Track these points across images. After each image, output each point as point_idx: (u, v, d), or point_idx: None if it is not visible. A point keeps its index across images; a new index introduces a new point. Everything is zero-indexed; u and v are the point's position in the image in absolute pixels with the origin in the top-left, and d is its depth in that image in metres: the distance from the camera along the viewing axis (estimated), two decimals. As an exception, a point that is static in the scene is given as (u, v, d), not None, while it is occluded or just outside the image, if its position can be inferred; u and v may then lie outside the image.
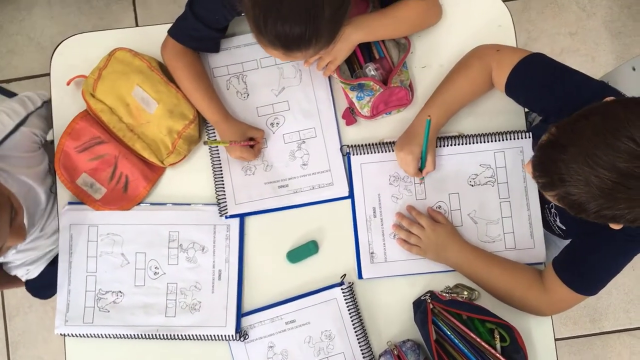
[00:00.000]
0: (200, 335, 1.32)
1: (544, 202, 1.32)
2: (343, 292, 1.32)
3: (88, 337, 1.34)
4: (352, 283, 1.34)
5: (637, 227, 1.07)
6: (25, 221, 1.30)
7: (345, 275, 1.33)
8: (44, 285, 1.56)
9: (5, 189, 1.13)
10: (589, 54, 2.33)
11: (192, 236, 1.35)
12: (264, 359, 1.32)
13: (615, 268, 1.17)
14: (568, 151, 0.92)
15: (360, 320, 1.33)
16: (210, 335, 1.32)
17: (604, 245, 1.15)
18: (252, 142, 1.34)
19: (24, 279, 1.62)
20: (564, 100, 1.10)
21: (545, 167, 0.97)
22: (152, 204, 1.38)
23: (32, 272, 1.59)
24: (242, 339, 1.32)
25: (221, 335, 1.32)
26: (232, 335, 1.32)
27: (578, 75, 1.17)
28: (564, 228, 1.29)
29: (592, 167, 0.89)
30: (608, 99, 0.98)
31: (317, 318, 1.32)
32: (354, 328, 1.31)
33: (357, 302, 1.33)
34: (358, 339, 1.31)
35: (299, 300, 1.33)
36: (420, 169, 1.31)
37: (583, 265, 1.19)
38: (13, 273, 1.57)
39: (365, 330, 1.33)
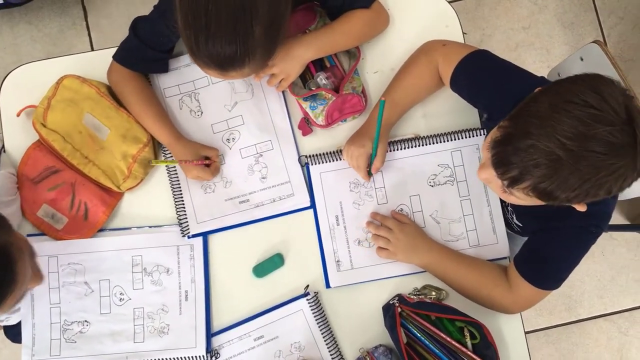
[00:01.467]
0: (171, 359, 1.31)
1: (501, 200, 1.33)
2: (309, 303, 1.31)
3: (60, 368, 1.32)
4: (317, 292, 1.33)
5: (588, 217, 1.08)
6: None
7: (308, 285, 1.33)
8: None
9: (20, 234, 1.11)
10: (543, 47, 2.37)
11: (156, 259, 1.34)
12: None
13: (572, 260, 1.18)
14: (528, 137, 0.92)
15: (329, 329, 1.32)
16: (181, 358, 1.31)
17: (559, 239, 1.17)
18: (206, 161, 1.33)
19: (2, 324, 1.58)
20: (507, 96, 1.11)
21: (509, 161, 0.95)
22: (112, 229, 1.36)
23: (12, 319, 1.55)
24: (213, 358, 1.30)
25: (192, 357, 1.30)
26: (203, 356, 1.30)
27: (521, 72, 1.19)
28: (521, 225, 1.31)
29: (560, 145, 0.89)
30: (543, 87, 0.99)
31: (285, 331, 1.31)
32: (324, 337, 1.31)
33: (323, 311, 1.33)
34: (329, 348, 1.30)
35: (266, 315, 1.32)
36: (369, 167, 1.31)
37: (542, 261, 1.20)
38: None
39: (335, 338, 1.32)
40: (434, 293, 1.32)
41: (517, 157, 0.94)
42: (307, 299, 1.32)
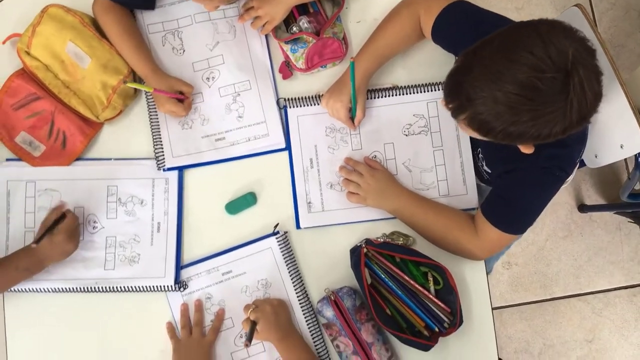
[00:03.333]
0: (139, 287, 1.33)
1: (473, 147, 1.36)
2: (278, 241, 1.33)
3: (28, 291, 1.33)
4: (287, 232, 1.36)
5: (551, 159, 1.10)
6: None
7: (278, 224, 1.35)
8: None
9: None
10: (534, 27, 2.38)
11: (131, 190, 1.36)
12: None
13: (538, 204, 1.20)
14: (473, 72, 0.95)
15: (296, 268, 1.34)
16: (150, 287, 1.33)
17: (523, 181, 1.19)
18: (180, 95, 1.34)
19: None
20: None
21: (453, 92, 1.01)
22: (90, 159, 1.38)
23: None
24: (181, 289, 1.32)
25: (160, 286, 1.33)
26: (171, 286, 1.32)
27: (500, 19, 1.20)
28: (490, 171, 1.33)
29: (495, 82, 0.92)
30: None
31: (253, 268, 1.34)
32: (290, 276, 1.33)
33: (292, 251, 1.35)
34: (295, 287, 1.32)
35: (235, 251, 1.34)
36: (352, 119, 1.33)
37: (507, 205, 1.22)
38: None
39: (301, 278, 1.34)
40: (401, 239, 1.34)
41: (459, 90, 0.98)
42: (277, 238, 1.34)
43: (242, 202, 1.36)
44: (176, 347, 1.30)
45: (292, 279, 1.33)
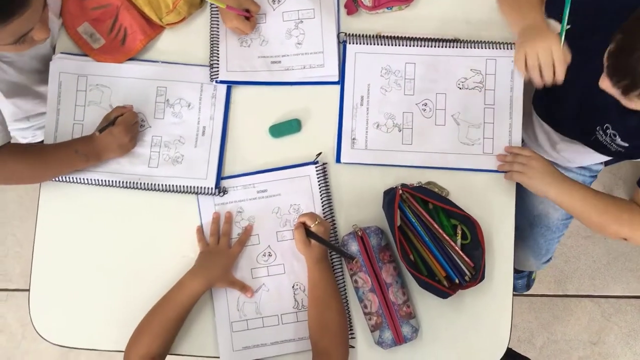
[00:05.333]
0: (180, 186, 1.35)
1: (597, 125, 1.30)
2: (317, 171, 1.35)
3: (72, 182, 1.36)
4: (326, 163, 1.37)
5: None
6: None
7: (320, 153, 1.36)
8: None
9: None
10: None
11: (179, 92, 1.38)
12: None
13: None
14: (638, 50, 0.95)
15: (330, 200, 1.35)
16: (190, 187, 1.35)
17: None
18: (247, 13, 1.35)
19: (27, 141, 1.64)
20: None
21: (622, 72, 0.99)
22: (144, 60, 1.40)
23: (39, 136, 1.61)
24: (220, 194, 1.34)
25: (201, 188, 1.34)
26: (212, 189, 1.34)
27: None
28: (626, 145, 1.29)
29: None
30: None
31: (288, 191, 1.35)
32: (322, 206, 1.34)
33: (328, 182, 1.36)
34: (324, 217, 1.34)
35: (274, 172, 1.36)
36: None
37: None
38: (20, 137, 1.58)
39: (332, 210, 1.36)
40: (436, 189, 1.35)
41: (628, 69, 0.98)
42: (316, 167, 1.35)
43: (286, 127, 1.37)
44: (202, 251, 1.32)
45: (323, 210, 1.34)
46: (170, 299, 1.26)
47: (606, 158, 1.46)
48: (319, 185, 1.35)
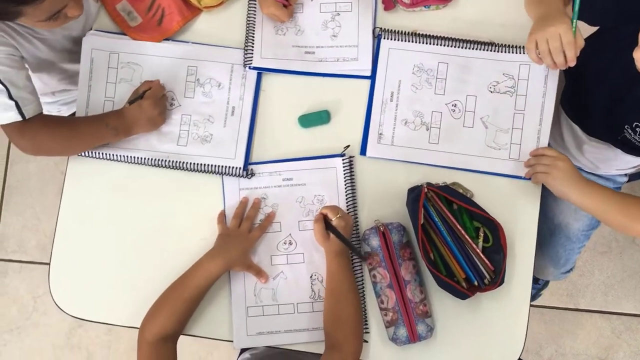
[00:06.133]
0: (208, 165, 1.35)
1: (625, 123, 1.29)
2: (343, 163, 1.35)
3: (99, 158, 1.38)
4: (353, 157, 1.37)
5: None
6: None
7: (348, 146, 1.36)
8: None
9: None
10: None
11: (210, 72, 1.39)
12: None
13: None
14: None
15: (354, 193, 1.36)
16: (219, 167, 1.35)
17: None
18: (285, 1, 1.36)
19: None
20: None
21: None
22: (179, 40, 1.41)
23: (64, 112, 1.62)
24: (248, 176, 1.35)
25: (229, 168, 1.35)
26: (240, 169, 1.35)
27: None
28: None
29: None
30: None
31: (313, 182, 1.35)
32: (346, 199, 1.35)
33: (354, 175, 1.36)
34: (347, 210, 1.34)
35: (301, 161, 1.36)
36: None
37: None
38: (45, 112, 1.59)
39: (355, 203, 1.36)
40: (460, 190, 1.35)
41: None
42: (343, 160, 1.35)
43: (315, 118, 1.38)
44: (222, 234, 1.33)
45: (347, 203, 1.35)
46: (187, 279, 1.27)
47: (633, 163, 1.45)
48: (345, 178, 1.35)
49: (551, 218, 1.61)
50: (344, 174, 1.35)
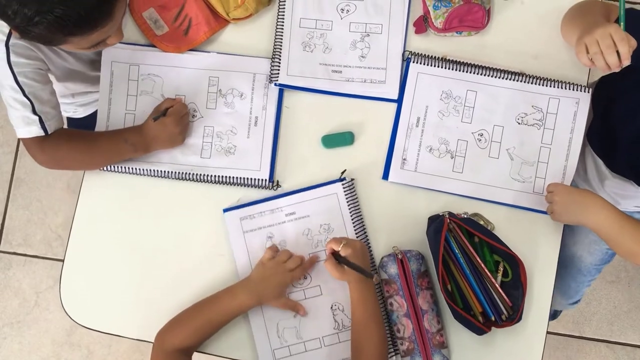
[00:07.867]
0: (234, 178, 1.34)
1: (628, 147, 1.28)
2: (344, 188, 1.33)
3: (122, 172, 1.36)
4: (354, 179, 1.35)
5: None
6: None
7: (345, 170, 1.34)
8: (85, 127, 1.56)
9: None
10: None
11: (232, 82, 1.36)
12: (262, 249, 1.33)
13: None
14: None
15: (360, 217, 1.33)
16: (245, 179, 1.34)
17: None
18: None
19: (67, 115, 1.63)
20: None
21: None
22: (203, 51, 1.38)
23: (80, 113, 1.61)
24: (275, 187, 1.33)
25: (255, 179, 1.34)
26: (266, 181, 1.33)
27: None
28: None
29: None
30: None
31: (316, 212, 1.33)
32: (353, 223, 1.32)
33: (357, 198, 1.33)
34: (357, 235, 1.32)
35: (299, 194, 1.33)
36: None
37: None
38: (62, 111, 1.58)
39: (364, 226, 1.33)
40: (482, 222, 1.33)
41: None
42: (342, 184, 1.33)
43: (339, 139, 1.36)
44: (264, 262, 1.29)
45: (354, 227, 1.32)
46: (217, 302, 1.25)
47: None
48: (348, 202, 1.32)
49: (563, 249, 1.59)
50: (347, 199, 1.33)
